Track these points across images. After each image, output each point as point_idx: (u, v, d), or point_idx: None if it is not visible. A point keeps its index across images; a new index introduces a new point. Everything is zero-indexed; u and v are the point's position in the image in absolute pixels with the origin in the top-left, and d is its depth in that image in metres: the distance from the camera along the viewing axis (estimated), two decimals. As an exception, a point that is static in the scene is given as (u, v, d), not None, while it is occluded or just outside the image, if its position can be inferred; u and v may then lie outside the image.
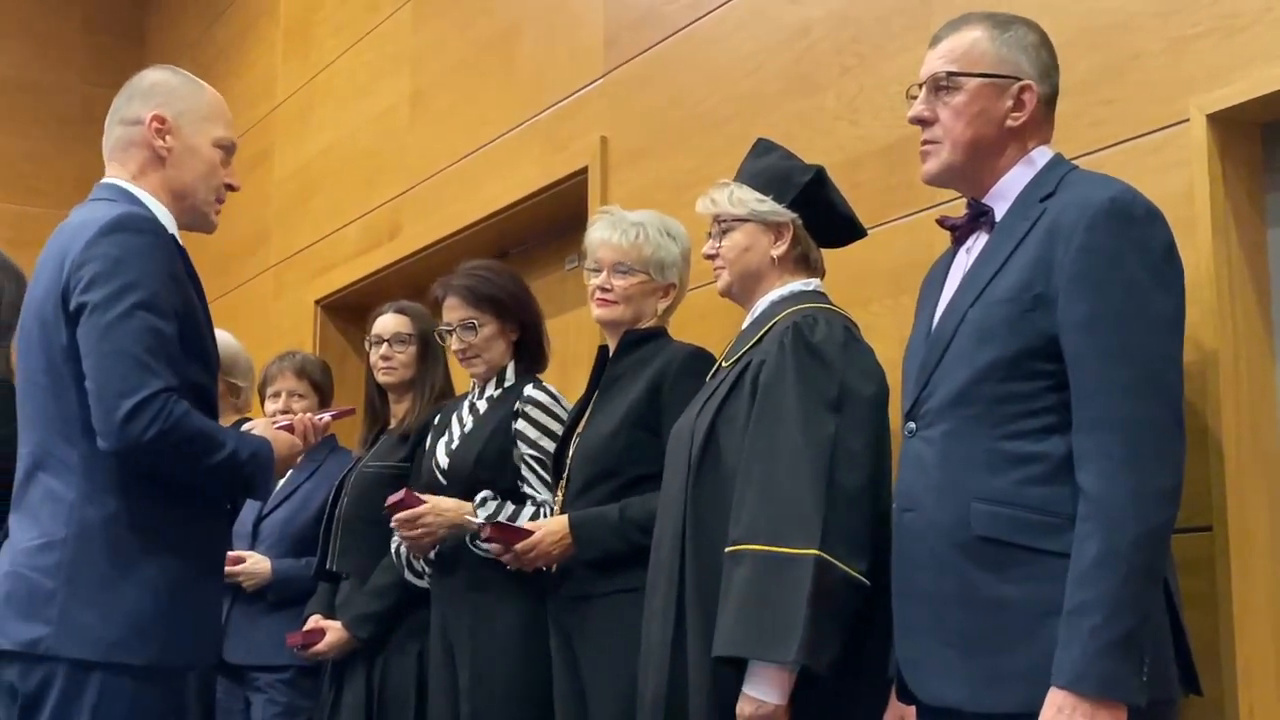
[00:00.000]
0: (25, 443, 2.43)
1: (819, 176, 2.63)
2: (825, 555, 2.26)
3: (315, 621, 3.59)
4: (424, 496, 3.19)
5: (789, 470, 2.33)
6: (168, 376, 2.29)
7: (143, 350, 2.27)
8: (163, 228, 2.42)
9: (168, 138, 2.50)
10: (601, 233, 3.05)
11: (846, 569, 2.27)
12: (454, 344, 3.35)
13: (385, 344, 3.66)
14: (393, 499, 3.20)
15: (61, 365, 2.34)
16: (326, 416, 2.79)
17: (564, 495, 2.98)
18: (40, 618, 2.27)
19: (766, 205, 2.60)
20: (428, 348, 3.66)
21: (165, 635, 2.32)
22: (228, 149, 2.57)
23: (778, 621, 2.24)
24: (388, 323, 3.69)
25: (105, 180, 2.53)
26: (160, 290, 2.33)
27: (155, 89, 2.53)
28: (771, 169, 2.64)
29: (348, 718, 3.51)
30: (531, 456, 3.18)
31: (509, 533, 2.93)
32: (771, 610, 2.26)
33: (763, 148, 2.70)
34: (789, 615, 2.24)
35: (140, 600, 2.30)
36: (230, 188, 2.59)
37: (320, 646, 3.53)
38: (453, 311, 3.34)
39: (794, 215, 2.60)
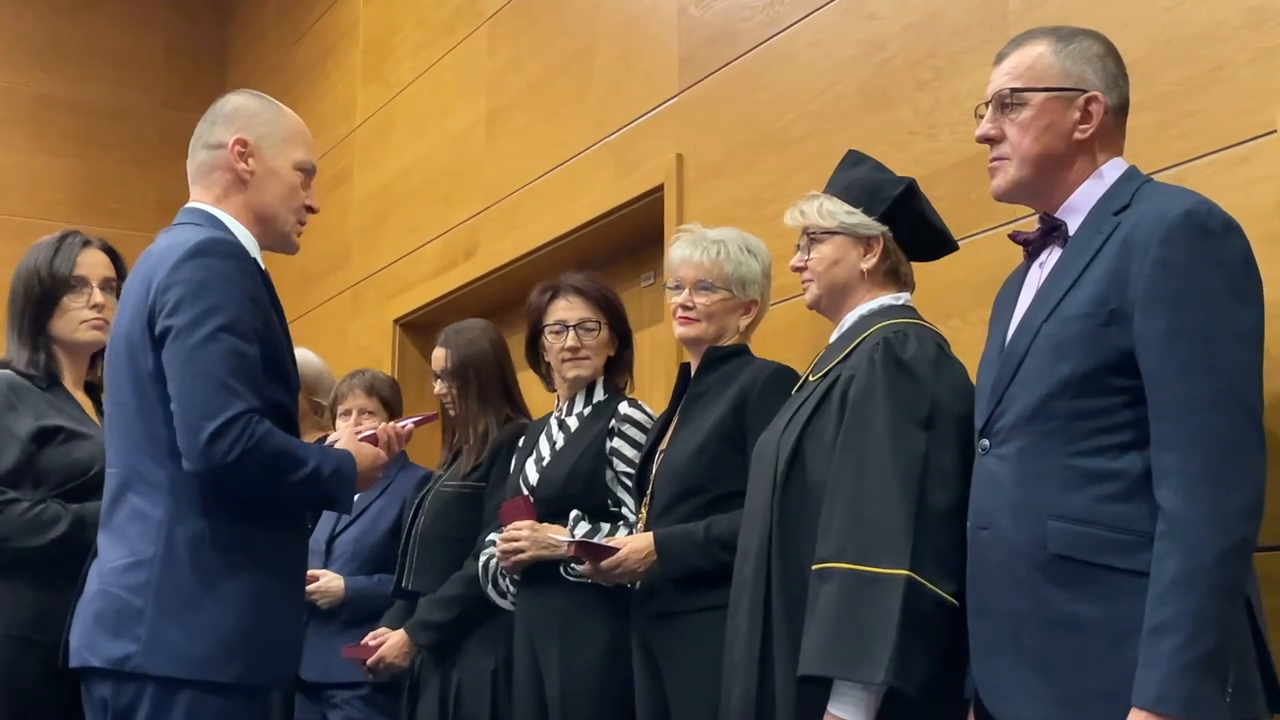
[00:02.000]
0: (113, 463, 2.47)
1: (910, 189, 2.60)
2: (916, 576, 2.23)
3: (373, 637, 3.62)
4: (525, 524, 3.18)
5: (878, 488, 2.30)
6: (250, 398, 2.32)
7: (226, 372, 2.30)
8: (245, 251, 2.45)
9: (249, 160, 2.53)
10: (683, 250, 3.04)
11: (937, 590, 2.24)
12: (568, 341, 3.31)
13: (438, 380, 3.68)
14: (509, 503, 3.21)
15: (149, 387, 2.38)
16: (409, 424, 2.80)
17: (648, 513, 2.97)
18: (129, 635, 2.31)
19: (856, 218, 2.58)
20: (464, 377, 3.64)
21: (250, 653, 2.35)
22: (308, 171, 2.60)
23: (866, 641, 2.22)
24: (434, 356, 3.73)
25: (189, 205, 2.57)
26: (242, 313, 2.36)
27: (237, 113, 2.57)
28: (862, 181, 2.62)
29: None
30: (627, 475, 3.18)
31: (594, 551, 2.93)
32: (859, 629, 2.23)
33: (853, 159, 2.68)
34: (877, 635, 2.21)
35: (226, 618, 2.33)
36: (310, 209, 2.61)
37: (382, 651, 3.54)
38: (571, 310, 3.33)
39: (884, 228, 2.58)
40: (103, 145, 7.27)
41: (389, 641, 3.54)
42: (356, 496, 3.82)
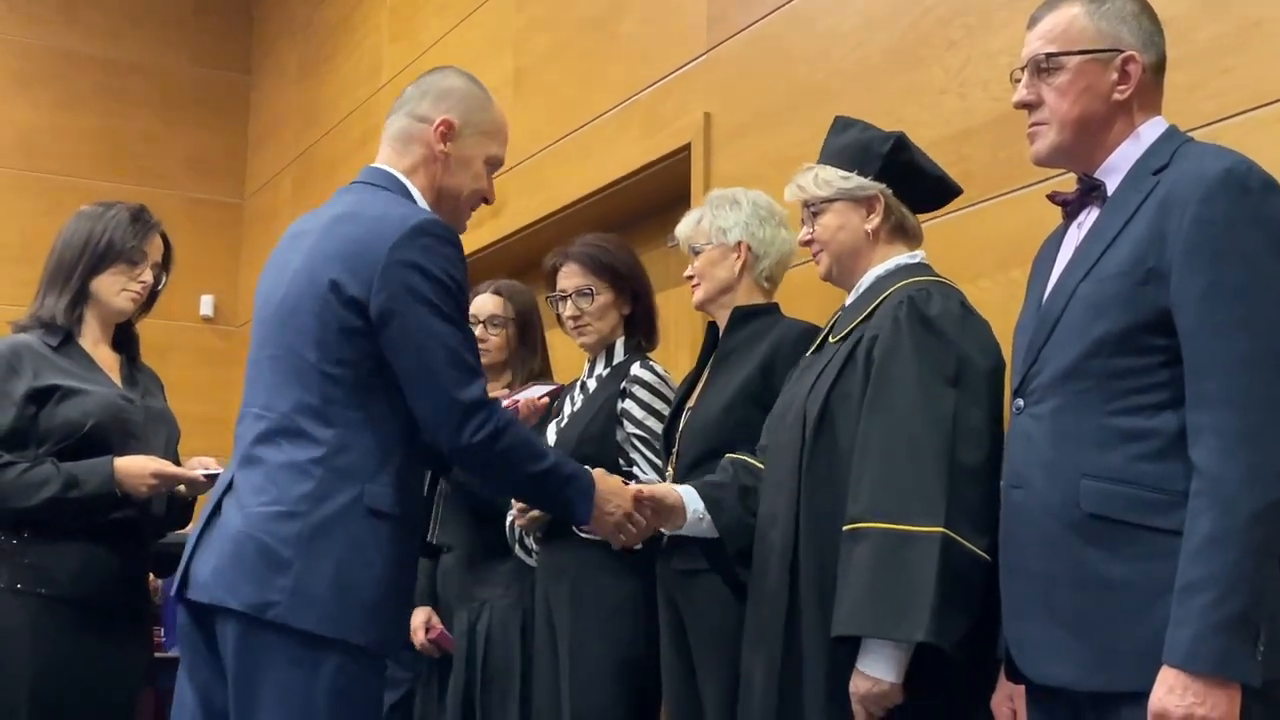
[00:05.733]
0: (265, 407, 2.42)
1: (899, 142, 2.59)
2: (951, 533, 2.23)
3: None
4: None
5: (909, 447, 2.30)
6: (485, 375, 2.37)
7: (466, 352, 2.35)
8: (458, 236, 2.46)
9: (448, 143, 2.54)
10: (679, 231, 3.11)
11: (972, 547, 2.24)
12: (568, 310, 3.34)
13: (480, 325, 3.66)
14: None
15: (336, 348, 2.36)
16: (544, 394, 2.74)
17: (674, 471, 2.97)
18: (273, 585, 2.29)
19: (852, 181, 2.57)
20: (525, 329, 3.66)
21: (385, 619, 2.36)
22: (495, 165, 2.62)
23: (904, 600, 2.22)
24: (484, 304, 3.69)
25: (379, 165, 2.57)
26: (463, 299, 2.41)
27: (451, 94, 2.57)
28: (851, 144, 2.61)
29: (451, 696, 3.54)
30: (637, 437, 3.18)
31: None
32: (897, 588, 2.23)
33: (840, 125, 2.67)
34: (916, 593, 2.21)
35: (370, 583, 2.33)
36: (486, 200, 2.65)
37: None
38: (569, 279, 3.35)
39: (881, 186, 2.57)
40: (130, 102, 7.29)
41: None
42: None
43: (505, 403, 2.65)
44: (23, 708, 2.95)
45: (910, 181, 2.60)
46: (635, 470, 3.16)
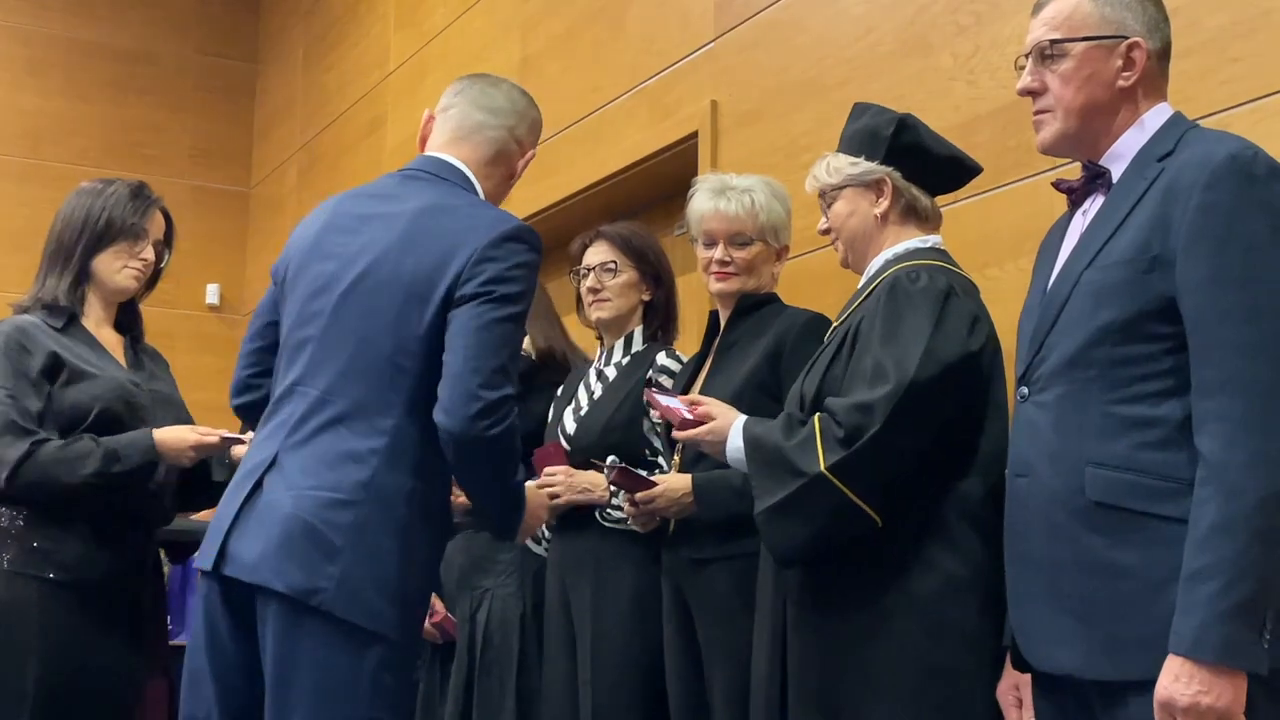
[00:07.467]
0: (326, 389, 2.41)
1: (902, 124, 2.57)
2: (830, 475, 2.32)
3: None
4: (560, 470, 3.17)
5: None
6: (516, 387, 2.37)
7: (509, 356, 2.36)
8: (542, 247, 2.50)
9: (517, 165, 2.66)
10: (711, 202, 2.99)
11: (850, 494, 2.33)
12: (588, 283, 3.33)
13: None
14: (541, 450, 3.21)
15: (415, 342, 2.38)
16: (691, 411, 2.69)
17: (680, 460, 2.96)
18: (322, 572, 2.29)
19: (860, 166, 2.57)
20: None
21: (419, 614, 2.39)
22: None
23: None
24: None
25: (456, 164, 2.59)
26: (528, 309, 2.43)
27: (537, 127, 2.70)
28: (861, 129, 2.61)
29: (453, 683, 3.54)
30: (663, 425, 3.16)
31: (634, 480, 2.92)
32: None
33: (856, 112, 2.67)
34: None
35: (410, 577, 2.35)
36: None
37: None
38: (596, 254, 3.35)
39: (887, 169, 2.56)
40: (136, 91, 7.28)
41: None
42: None
43: (659, 408, 2.64)
44: (29, 689, 2.93)
45: (919, 162, 2.58)
46: (660, 460, 3.15)
